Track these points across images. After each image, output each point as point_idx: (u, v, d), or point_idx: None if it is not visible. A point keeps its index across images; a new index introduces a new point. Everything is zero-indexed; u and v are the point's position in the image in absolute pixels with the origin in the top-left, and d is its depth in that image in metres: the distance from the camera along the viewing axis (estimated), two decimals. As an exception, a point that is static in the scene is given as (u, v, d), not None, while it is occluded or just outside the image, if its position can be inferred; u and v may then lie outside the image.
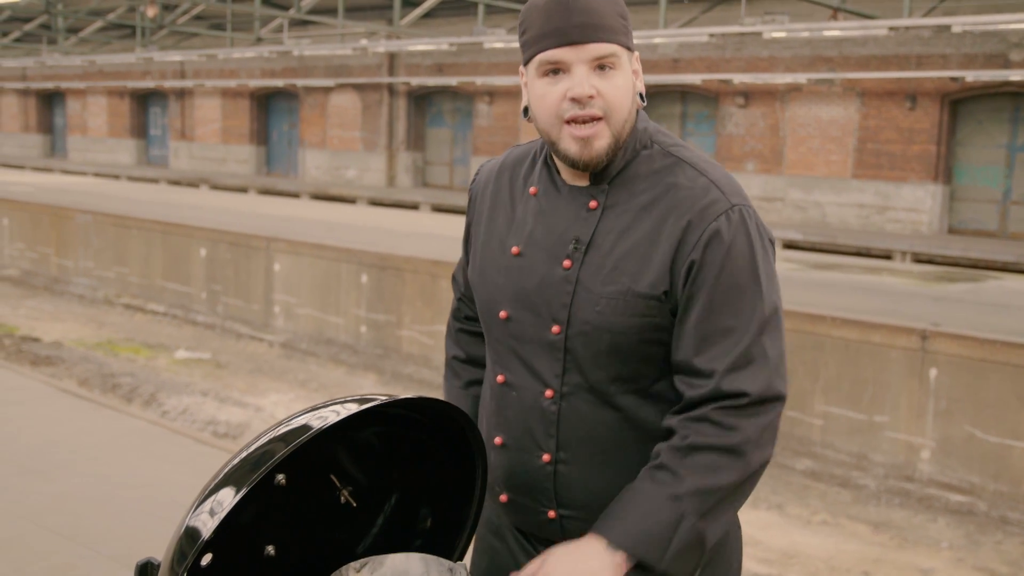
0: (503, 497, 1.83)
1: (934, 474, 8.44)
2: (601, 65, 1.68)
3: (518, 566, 1.83)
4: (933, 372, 8.48)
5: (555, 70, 1.69)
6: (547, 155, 1.84)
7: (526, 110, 1.79)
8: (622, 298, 1.68)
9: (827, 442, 9.01)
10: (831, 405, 8.96)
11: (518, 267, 1.78)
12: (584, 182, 1.77)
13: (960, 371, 8.38)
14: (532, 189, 1.82)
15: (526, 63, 1.75)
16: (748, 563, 7.04)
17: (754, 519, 7.84)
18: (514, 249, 1.79)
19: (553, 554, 1.66)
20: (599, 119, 1.68)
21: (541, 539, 1.83)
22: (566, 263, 1.73)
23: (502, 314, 1.78)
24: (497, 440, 1.81)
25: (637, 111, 1.77)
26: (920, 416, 8.54)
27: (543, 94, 1.71)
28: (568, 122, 1.69)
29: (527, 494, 1.79)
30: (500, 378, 1.79)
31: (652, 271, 1.68)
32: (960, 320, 9.28)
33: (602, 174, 1.76)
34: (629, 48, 1.73)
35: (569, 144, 1.70)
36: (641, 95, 1.76)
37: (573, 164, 1.72)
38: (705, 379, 1.65)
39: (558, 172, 1.80)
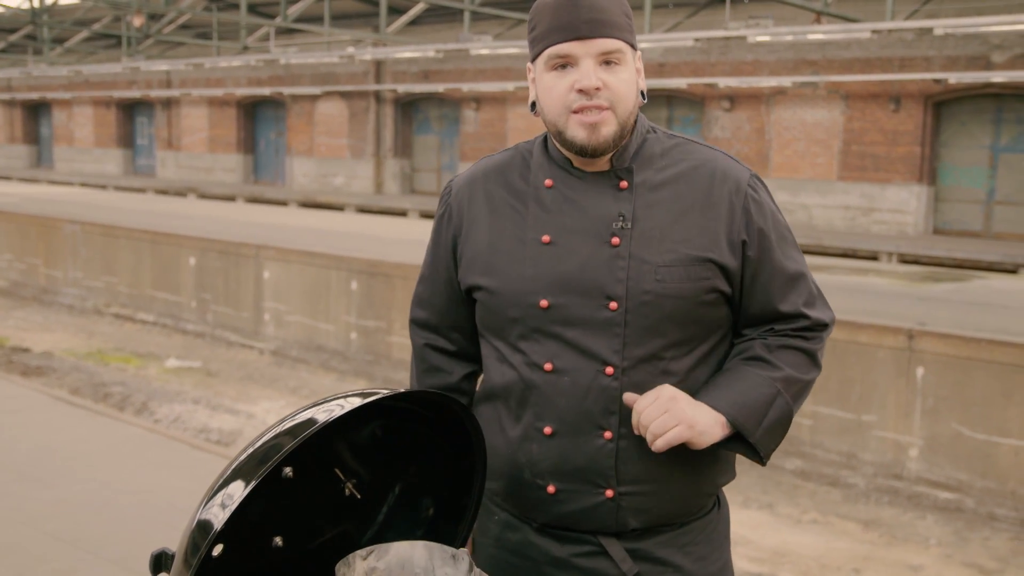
0: (551, 488, 1.83)
1: (922, 472, 8.52)
2: (607, 60, 1.76)
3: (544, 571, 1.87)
4: (920, 371, 8.56)
5: (563, 64, 1.77)
6: (548, 150, 1.89)
7: (533, 105, 1.86)
8: (681, 265, 1.78)
9: (816, 442, 9.09)
10: (819, 405, 9.03)
11: (552, 254, 1.82)
12: (603, 167, 1.84)
13: (946, 370, 8.46)
14: (548, 182, 1.86)
15: (534, 59, 1.82)
16: (739, 562, 7.10)
17: (745, 519, 7.90)
18: (544, 238, 1.82)
19: (666, 388, 1.76)
20: (605, 109, 1.76)
21: (581, 531, 1.84)
22: (614, 240, 1.79)
23: (543, 303, 1.80)
24: (547, 430, 1.82)
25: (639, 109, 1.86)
26: (908, 415, 8.62)
27: (551, 86, 1.79)
28: (575, 112, 1.76)
29: (582, 478, 1.82)
30: (548, 366, 1.81)
31: (705, 236, 1.80)
32: (946, 319, 9.37)
33: (622, 157, 1.83)
34: (633, 46, 1.81)
35: (577, 131, 1.77)
36: (642, 93, 1.85)
37: (581, 150, 1.78)
38: (792, 318, 1.88)
39: (571, 163, 1.86)
